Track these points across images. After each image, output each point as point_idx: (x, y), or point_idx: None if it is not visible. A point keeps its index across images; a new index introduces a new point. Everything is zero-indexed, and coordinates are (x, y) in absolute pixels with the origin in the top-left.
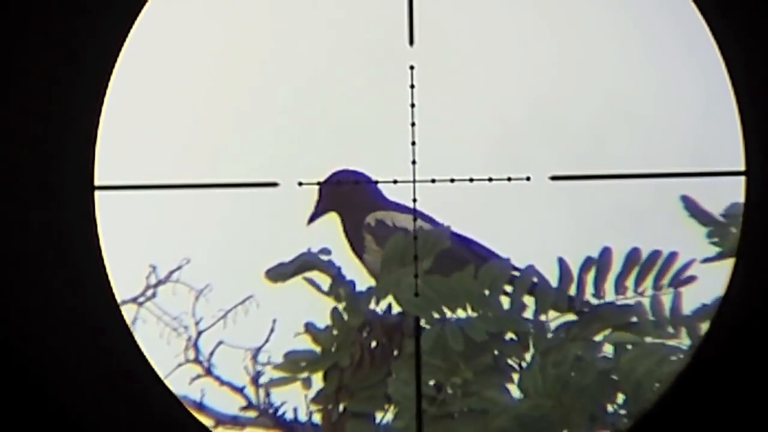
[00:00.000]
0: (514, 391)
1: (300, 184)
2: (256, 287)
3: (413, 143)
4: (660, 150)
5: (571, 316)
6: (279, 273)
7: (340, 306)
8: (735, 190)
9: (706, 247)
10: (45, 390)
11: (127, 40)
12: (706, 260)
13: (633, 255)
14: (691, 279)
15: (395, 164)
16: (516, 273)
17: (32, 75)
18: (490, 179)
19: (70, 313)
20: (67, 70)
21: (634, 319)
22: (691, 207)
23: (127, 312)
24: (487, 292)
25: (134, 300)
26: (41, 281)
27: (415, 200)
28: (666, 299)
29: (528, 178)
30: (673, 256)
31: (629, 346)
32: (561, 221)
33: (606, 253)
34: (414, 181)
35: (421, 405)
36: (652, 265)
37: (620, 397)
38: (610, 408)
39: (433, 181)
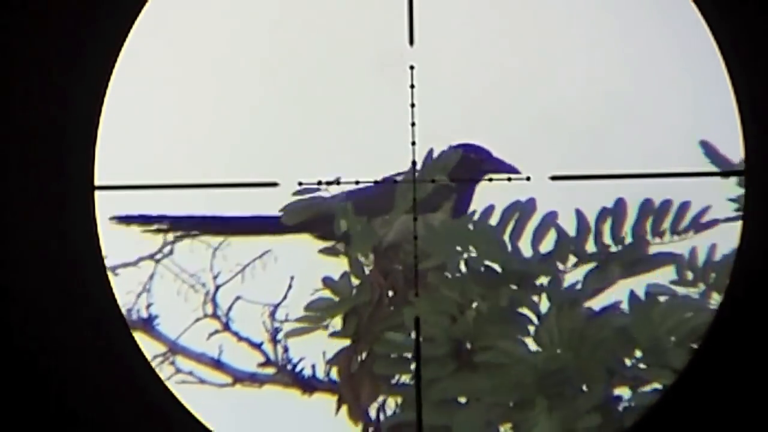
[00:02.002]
0: (531, 345)
1: (300, 184)
2: (273, 242)
3: (413, 143)
4: (660, 150)
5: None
6: (292, 211)
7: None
8: (735, 190)
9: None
10: (46, 389)
11: (127, 40)
12: (728, 219)
13: (646, 204)
14: (714, 223)
15: (395, 164)
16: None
17: (32, 75)
18: (490, 179)
19: (71, 313)
20: (67, 70)
21: (643, 256)
22: (710, 152)
23: (145, 269)
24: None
25: (151, 257)
26: (41, 281)
27: (415, 200)
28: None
29: (528, 178)
30: (686, 204)
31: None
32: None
33: (620, 203)
34: (414, 181)
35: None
36: (666, 212)
37: (638, 352)
38: (628, 362)
39: (433, 181)
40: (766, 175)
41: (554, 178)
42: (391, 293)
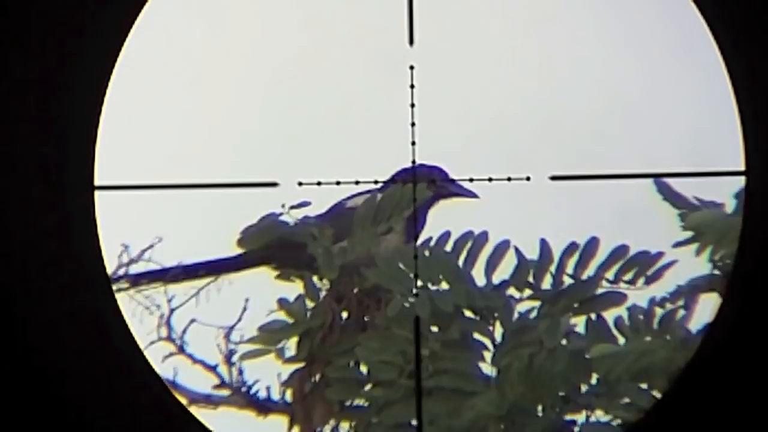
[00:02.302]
0: (487, 369)
1: (300, 184)
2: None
3: (413, 143)
4: (659, 150)
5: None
6: (249, 236)
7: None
8: (735, 190)
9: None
10: (46, 388)
11: (127, 40)
12: (677, 244)
13: (620, 250)
14: (660, 274)
15: (395, 164)
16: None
17: (32, 75)
18: (490, 179)
19: (71, 312)
20: (67, 70)
21: (598, 292)
22: (665, 190)
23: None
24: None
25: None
26: (41, 281)
27: (415, 200)
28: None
29: (528, 178)
30: (658, 255)
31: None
32: (561, 221)
33: (592, 242)
34: (414, 181)
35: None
36: (636, 263)
37: (593, 378)
38: (583, 388)
39: (433, 181)
40: (766, 175)
41: (554, 178)
42: (345, 317)
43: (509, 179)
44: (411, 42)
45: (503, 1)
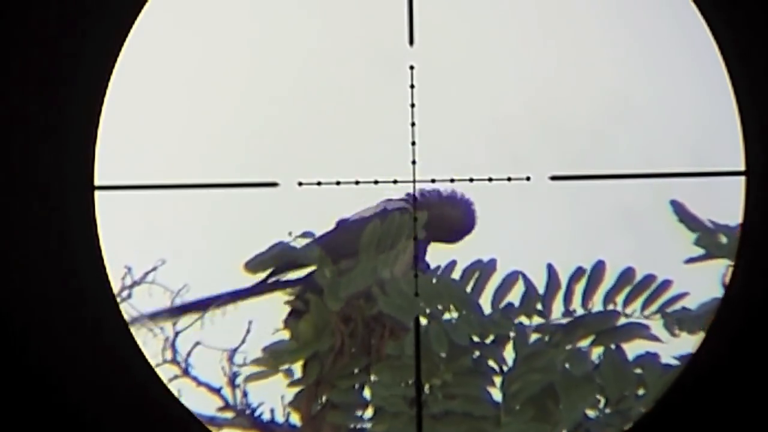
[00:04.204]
0: (496, 395)
1: (300, 184)
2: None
3: (413, 143)
4: (660, 150)
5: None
6: (258, 263)
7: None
8: (735, 190)
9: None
10: (45, 388)
11: (127, 40)
12: (690, 260)
13: (627, 274)
14: (677, 312)
15: (395, 164)
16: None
17: (32, 75)
18: (490, 179)
19: (70, 313)
20: (67, 70)
21: (618, 323)
22: (681, 212)
23: None
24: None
25: None
26: (41, 281)
27: (415, 199)
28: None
29: (528, 178)
30: (666, 284)
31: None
32: (561, 221)
33: (599, 266)
34: (414, 181)
35: (414, 407)
36: (644, 288)
37: (602, 403)
38: (592, 413)
39: (433, 181)
40: (766, 175)
41: (554, 178)
42: (351, 340)
43: (509, 179)
44: (411, 42)
45: (503, 1)
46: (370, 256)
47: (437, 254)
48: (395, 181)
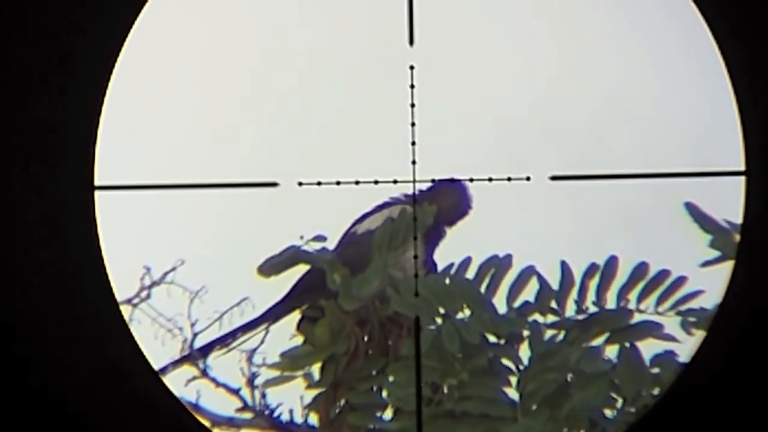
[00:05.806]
0: (512, 394)
1: (300, 184)
2: (251, 289)
3: (413, 143)
4: (660, 150)
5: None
6: (271, 266)
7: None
8: (735, 190)
9: (707, 249)
10: (45, 389)
11: (127, 40)
12: (706, 263)
13: (640, 269)
14: (695, 311)
15: (395, 164)
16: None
17: (32, 75)
18: (490, 179)
19: (70, 313)
20: (67, 70)
21: (633, 321)
22: (695, 213)
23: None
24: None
25: (129, 301)
26: (41, 281)
27: (415, 200)
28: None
29: (528, 178)
30: (681, 280)
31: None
32: (561, 221)
33: (612, 261)
34: (414, 181)
35: (421, 405)
36: (658, 284)
37: (620, 402)
38: (609, 413)
39: (433, 181)
40: (766, 175)
41: (554, 178)
42: (367, 341)
43: (509, 179)
44: (411, 42)
45: (503, 1)
46: (382, 254)
47: (442, 254)
48: (395, 181)
